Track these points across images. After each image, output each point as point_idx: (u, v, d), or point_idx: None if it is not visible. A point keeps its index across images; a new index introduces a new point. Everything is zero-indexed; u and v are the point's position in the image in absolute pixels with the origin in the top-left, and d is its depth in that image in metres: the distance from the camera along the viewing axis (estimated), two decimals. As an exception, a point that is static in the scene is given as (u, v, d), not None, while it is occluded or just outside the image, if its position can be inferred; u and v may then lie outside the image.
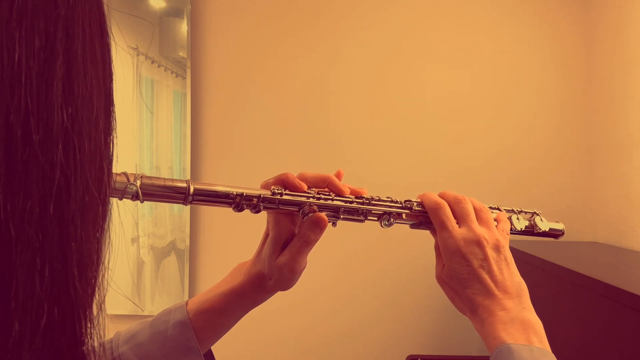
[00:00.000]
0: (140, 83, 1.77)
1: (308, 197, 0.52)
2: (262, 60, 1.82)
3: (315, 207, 0.53)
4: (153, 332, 0.56)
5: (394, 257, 1.79)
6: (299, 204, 0.52)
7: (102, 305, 0.28)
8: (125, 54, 1.75)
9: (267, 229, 0.57)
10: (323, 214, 0.53)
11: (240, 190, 0.50)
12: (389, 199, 0.57)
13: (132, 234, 1.78)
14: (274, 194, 0.51)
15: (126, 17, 1.77)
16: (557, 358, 0.48)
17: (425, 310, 1.79)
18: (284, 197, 0.51)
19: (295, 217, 0.55)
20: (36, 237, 0.23)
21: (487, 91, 1.80)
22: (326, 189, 0.55)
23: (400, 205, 0.57)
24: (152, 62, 1.77)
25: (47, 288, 0.23)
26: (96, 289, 0.27)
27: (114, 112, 0.29)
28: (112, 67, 0.29)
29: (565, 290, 1.11)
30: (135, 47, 1.76)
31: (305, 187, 0.53)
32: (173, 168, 1.78)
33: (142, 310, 1.77)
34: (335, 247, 1.78)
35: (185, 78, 1.77)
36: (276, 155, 1.81)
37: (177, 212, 1.79)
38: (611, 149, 1.63)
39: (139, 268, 1.78)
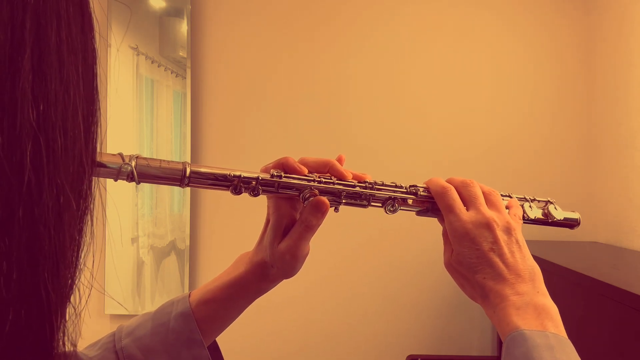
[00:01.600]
0: (140, 83, 1.77)
1: (309, 181, 0.51)
2: (263, 59, 1.82)
3: (316, 191, 0.51)
4: (155, 324, 0.55)
5: (394, 257, 1.79)
6: (300, 188, 0.50)
7: (78, 307, 0.26)
8: (125, 54, 1.75)
9: (268, 215, 0.55)
10: (325, 198, 0.51)
11: (238, 173, 0.49)
12: (394, 184, 0.55)
13: (132, 234, 1.78)
14: (273, 176, 0.50)
15: (126, 17, 1.77)
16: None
17: (425, 309, 1.79)
18: (284, 180, 0.50)
19: (296, 202, 0.53)
20: (1, 241, 0.22)
21: (489, 91, 1.80)
22: (328, 174, 0.53)
23: (406, 190, 0.54)
24: (152, 62, 1.77)
25: (14, 292, 0.22)
26: (72, 290, 0.26)
27: (98, 101, 0.27)
28: (96, 51, 0.27)
29: (565, 290, 1.11)
30: (135, 47, 1.76)
31: (305, 170, 0.52)
32: (173, 168, 1.78)
33: (142, 310, 1.77)
34: (336, 245, 1.78)
35: (185, 78, 1.77)
36: (276, 155, 1.79)
37: (177, 212, 1.79)
38: (611, 149, 1.63)
39: (139, 268, 1.78)
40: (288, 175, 0.50)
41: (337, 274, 1.80)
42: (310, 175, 0.52)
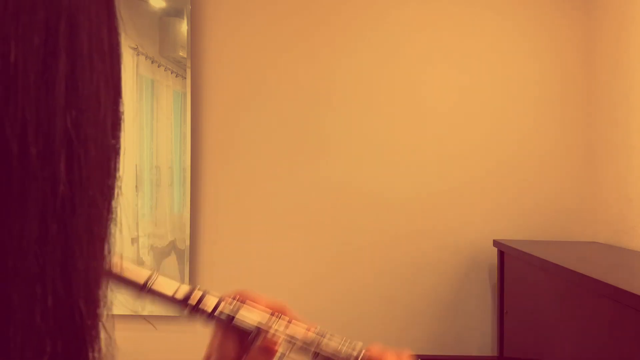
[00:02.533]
0: (140, 83, 1.77)
1: (265, 319, 0.50)
2: (262, 60, 1.82)
3: (270, 331, 0.50)
4: None
5: (394, 257, 1.79)
6: (253, 326, 0.50)
7: (111, 327, 0.25)
8: (125, 54, 1.75)
9: (209, 353, 0.53)
10: (276, 340, 0.50)
11: (199, 295, 0.48)
12: (340, 339, 0.55)
13: (132, 234, 1.78)
14: (231, 308, 0.49)
15: (126, 17, 1.77)
16: (557, 357, 0.47)
17: (425, 310, 1.79)
18: (239, 317, 0.49)
19: (243, 340, 0.52)
20: (36, 263, 0.20)
21: (488, 92, 1.80)
22: (280, 316, 0.52)
23: (348, 351, 0.55)
24: (152, 62, 1.77)
25: (50, 320, 0.21)
26: (103, 310, 0.24)
27: (122, 104, 0.26)
28: (121, 53, 0.26)
29: (565, 290, 1.11)
30: (136, 47, 1.76)
31: (261, 308, 0.51)
32: (173, 168, 1.78)
33: (142, 310, 1.77)
34: (335, 245, 1.78)
35: (185, 78, 1.77)
36: (276, 155, 1.81)
37: (177, 212, 1.80)
38: (611, 149, 1.63)
39: (139, 268, 1.78)
40: (244, 313, 0.50)
41: (337, 274, 1.80)
42: (266, 312, 0.51)
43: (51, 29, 0.21)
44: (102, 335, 0.24)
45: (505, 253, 1.58)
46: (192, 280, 1.80)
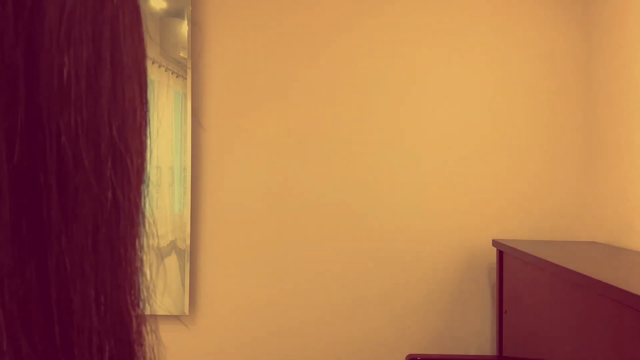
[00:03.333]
0: (140, 83, 1.77)
1: None
2: (263, 60, 1.82)
3: None
4: None
5: (393, 257, 1.79)
6: None
7: (156, 326, 0.26)
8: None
9: None
10: None
11: None
12: None
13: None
14: None
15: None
16: (555, 357, 0.47)
17: (424, 309, 1.79)
18: None
19: None
20: (90, 265, 0.21)
21: (486, 90, 1.80)
22: None
23: None
24: (153, 63, 1.77)
25: (104, 320, 0.22)
26: (145, 309, 0.25)
27: (149, 111, 0.27)
28: (147, 60, 0.26)
29: (564, 290, 1.11)
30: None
31: None
32: (174, 168, 1.79)
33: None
34: (335, 246, 1.79)
35: (186, 78, 1.78)
36: (276, 155, 1.81)
37: (178, 212, 1.80)
38: (610, 149, 1.64)
39: (139, 268, 1.78)
40: None
41: (337, 273, 1.80)
42: None
43: (97, 41, 0.21)
44: (149, 334, 0.25)
45: (504, 253, 1.58)
46: (193, 280, 1.81)
